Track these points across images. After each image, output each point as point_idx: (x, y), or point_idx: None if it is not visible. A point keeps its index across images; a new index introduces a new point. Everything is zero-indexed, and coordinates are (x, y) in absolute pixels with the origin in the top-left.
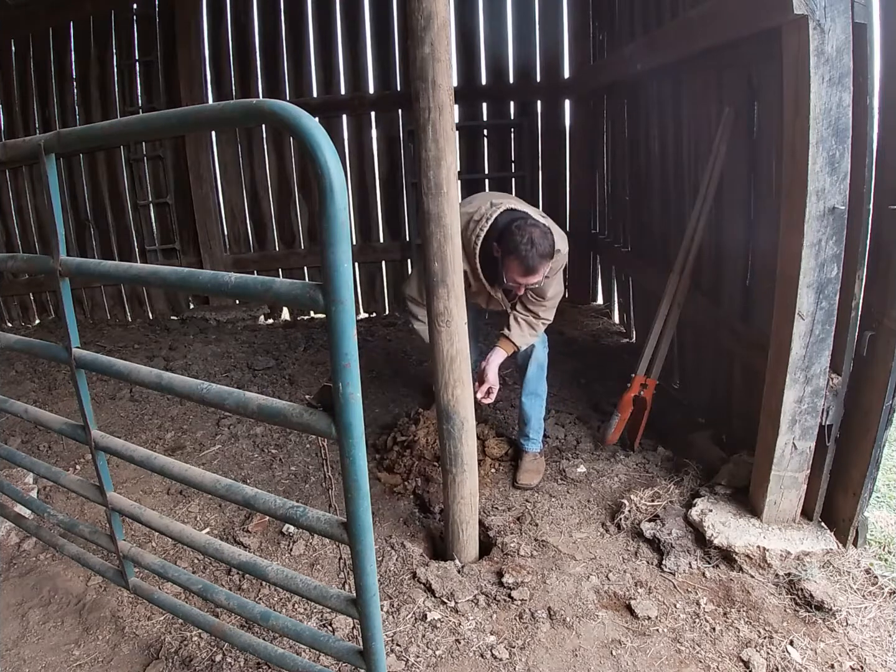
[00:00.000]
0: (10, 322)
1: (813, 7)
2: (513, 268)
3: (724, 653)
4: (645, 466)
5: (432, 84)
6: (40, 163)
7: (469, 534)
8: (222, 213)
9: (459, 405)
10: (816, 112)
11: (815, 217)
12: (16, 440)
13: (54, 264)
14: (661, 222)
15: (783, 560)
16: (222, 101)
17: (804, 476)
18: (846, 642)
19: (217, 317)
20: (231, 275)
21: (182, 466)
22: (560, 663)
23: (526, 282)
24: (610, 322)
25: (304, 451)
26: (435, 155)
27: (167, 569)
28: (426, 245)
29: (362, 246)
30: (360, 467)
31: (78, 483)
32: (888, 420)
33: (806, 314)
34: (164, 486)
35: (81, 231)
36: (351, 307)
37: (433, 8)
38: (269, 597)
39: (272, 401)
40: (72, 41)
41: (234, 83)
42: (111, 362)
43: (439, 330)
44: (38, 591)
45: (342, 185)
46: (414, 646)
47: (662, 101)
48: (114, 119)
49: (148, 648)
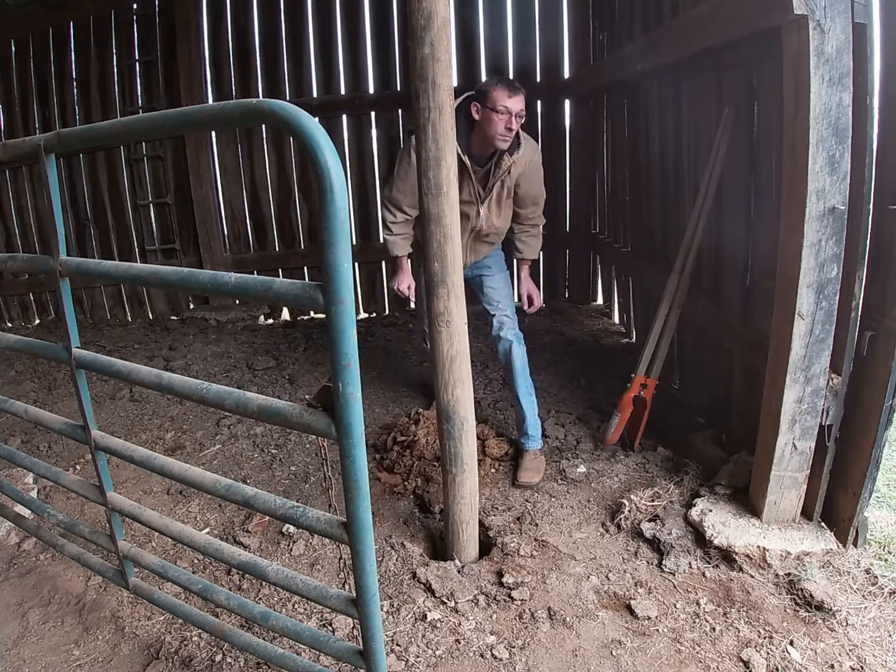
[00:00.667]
0: (10, 322)
1: (813, 7)
2: (498, 97)
3: (724, 653)
4: (645, 466)
5: (432, 84)
6: (40, 163)
7: (469, 534)
8: (222, 213)
9: (459, 405)
10: (816, 112)
11: (815, 217)
12: (16, 440)
13: (54, 264)
14: (662, 222)
15: (783, 560)
16: (222, 101)
17: (804, 476)
18: (846, 642)
19: (217, 317)
20: (231, 275)
21: (182, 466)
22: (560, 663)
23: (514, 105)
24: (610, 322)
25: (304, 451)
26: (435, 155)
27: (167, 569)
28: (426, 245)
29: (362, 246)
30: (360, 467)
31: (78, 483)
32: (888, 420)
33: (806, 314)
34: (164, 486)
35: (81, 231)
36: (351, 307)
37: (433, 8)
38: (269, 597)
39: (272, 401)
40: (72, 41)
41: (234, 83)
42: (111, 362)
43: (439, 330)
44: (38, 591)
45: (342, 185)
46: (414, 646)
47: (662, 101)
48: (114, 119)
49: (148, 648)
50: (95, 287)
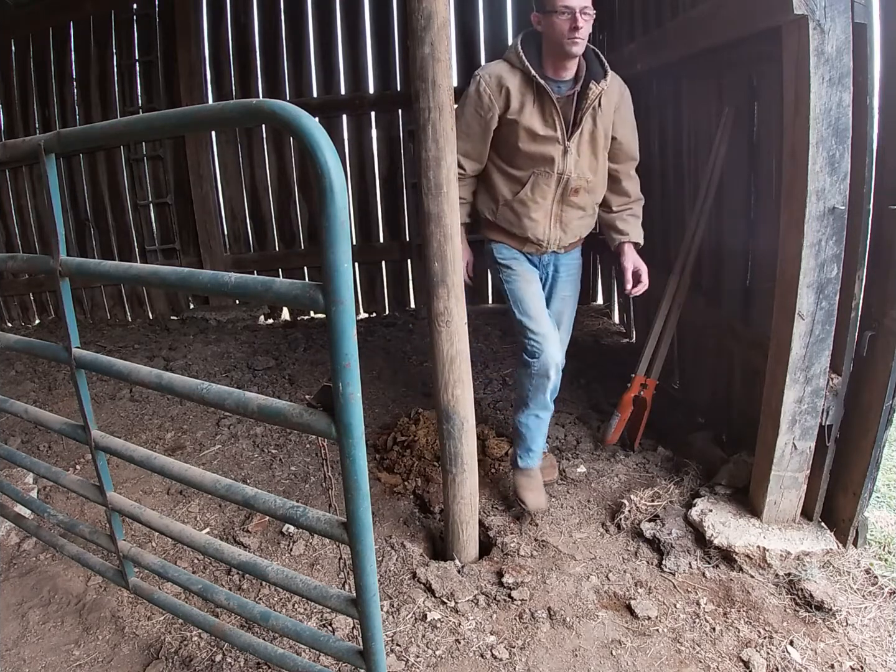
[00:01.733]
0: (10, 322)
1: (813, 7)
2: None
3: (724, 653)
4: (645, 466)
5: (432, 84)
6: (40, 163)
7: (469, 534)
8: (222, 213)
9: (459, 405)
10: (816, 112)
11: (815, 217)
12: (16, 440)
13: (54, 264)
14: (661, 222)
15: (783, 560)
16: (222, 101)
17: (804, 476)
18: (846, 642)
19: (217, 317)
20: (231, 275)
21: (182, 466)
22: (560, 663)
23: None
24: (610, 322)
25: (304, 451)
26: (435, 155)
27: (167, 569)
28: (426, 245)
29: (362, 246)
30: (360, 467)
31: (78, 483)
32: (888, 420)
33: (806, 314)
34: (164, 486)
35: (81, 231)
36: (351, 307)
37: (433, 8)
38: (269, 597)
39: (272, 401)
40: (72, 41)
41: (234, 83)
42: (111, 362)
43: (439, 330)
44: (38, 591)
45: (342, 185)
46: (414, 646)
47: (662, 101)
48: (114, 119)
49: (148, 648)
50: (95, 287)
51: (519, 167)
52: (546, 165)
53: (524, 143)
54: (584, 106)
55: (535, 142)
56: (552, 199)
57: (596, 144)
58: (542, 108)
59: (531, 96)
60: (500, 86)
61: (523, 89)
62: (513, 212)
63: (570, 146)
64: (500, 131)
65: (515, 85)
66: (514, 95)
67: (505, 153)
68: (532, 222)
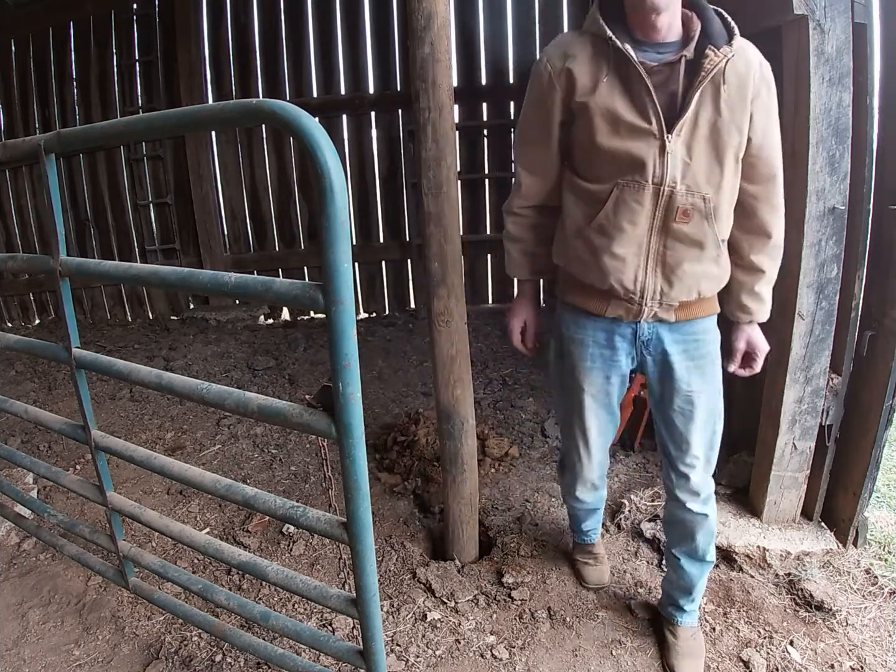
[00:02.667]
0: (10, 322)
1: (813, 7)
2: None
3: (724, 653)
4: (645, 466)
5: (432, 84)
6: (40, 163)
7: (469, 534)
8: (222, 213)
9: (459, 405)
10: (816, 112)
11: (815, 217)
12: (16, 440)
13: (54, 264)
14: None
15: (783, 560)
16: (222, 101)
17: (804, 476)
18: (846, 642)
19: (217, 317)
20: (231, 275)
21: (182, 466)
22: (560, 663)
23: None
24: None
25: (304, 451)
26: (435, 155)
27: (167, 569)
28: (426, 245)
29: (362, 246)
30: (360, 467)
31: (78, 483)
32: (888, 420)
33: (806, 314)
34: (164, 486)
35: (81, 231)
36: (351, 307)
37: (433, 8)
38: (269, 597)
39: (272, 401)
40: (72, 41)
41: (234, 83)
42: (111, 362)
43: (439, 330)
44: (38, 591)
45: (342, 185)
46: (414, 646)
47: None
48: (114, 119)
49: (148, 648)
50: (95, 287)
51: (597, 177)
52: (635, 172)
53: (603, 136)
54: (697, 82)
55: (618, 134)
56: (647, 225)
57: (720, 142)
58: (627, 84)
59: (606, 67)
60: (564, 57)
61: (597, 59)
62: (587, 246)
63: (671, 141)
64: (572, 130)
65: (586, 55)
66: (580, 69)
67: (580, 158)
68: (615, 261)
